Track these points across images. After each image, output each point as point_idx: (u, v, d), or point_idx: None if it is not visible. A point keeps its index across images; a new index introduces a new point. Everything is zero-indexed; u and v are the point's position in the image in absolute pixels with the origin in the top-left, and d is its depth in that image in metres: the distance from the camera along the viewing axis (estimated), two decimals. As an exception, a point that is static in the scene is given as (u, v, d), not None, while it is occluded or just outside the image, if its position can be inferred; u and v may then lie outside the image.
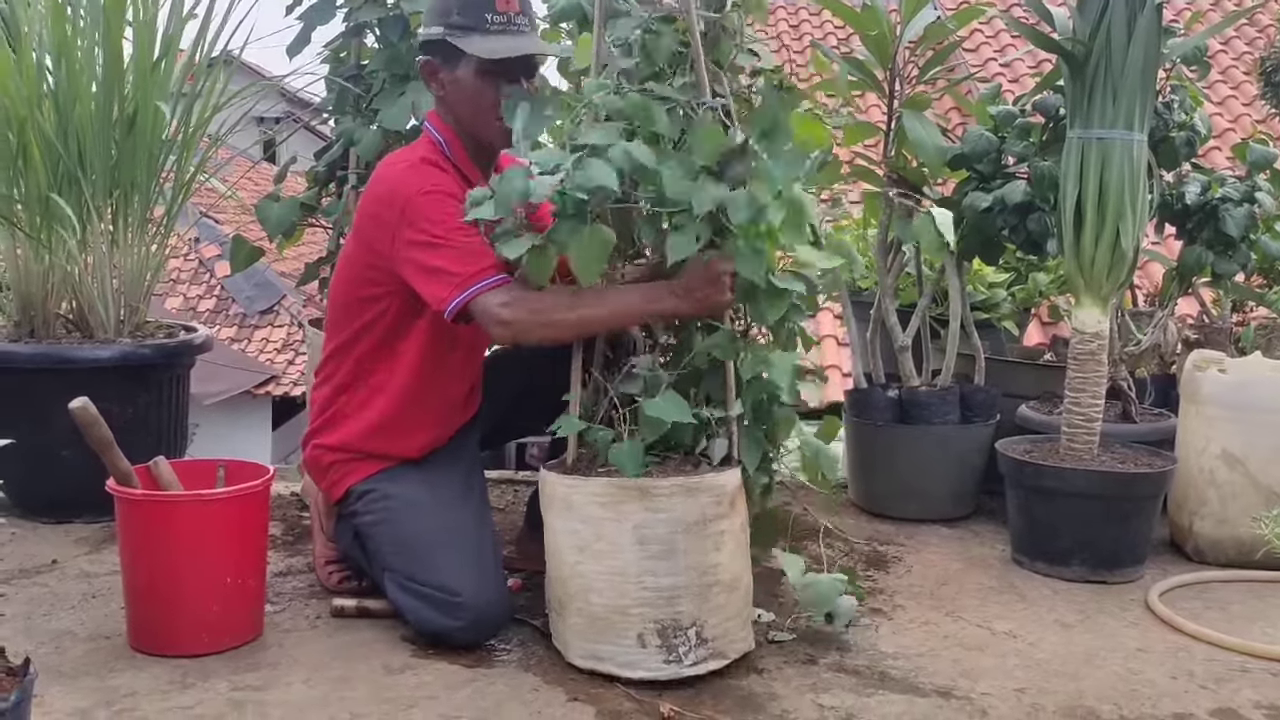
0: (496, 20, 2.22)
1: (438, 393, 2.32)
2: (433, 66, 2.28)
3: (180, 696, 1.92)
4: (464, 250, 2.10)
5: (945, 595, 2.54)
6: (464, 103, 2.26)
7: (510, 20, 2.23)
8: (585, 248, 1.96)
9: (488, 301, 2.07)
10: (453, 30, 2.22)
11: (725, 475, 2.04)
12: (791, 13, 11.96)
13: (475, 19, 2.21)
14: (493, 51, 2.20)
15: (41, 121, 2.87)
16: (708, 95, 2.06)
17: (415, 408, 2.30)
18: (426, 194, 2.15)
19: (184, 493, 2.16)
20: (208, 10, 3.10)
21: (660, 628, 1.97)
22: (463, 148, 2.29)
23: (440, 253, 2.11)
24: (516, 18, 2.24)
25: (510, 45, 2.21)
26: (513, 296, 2.07)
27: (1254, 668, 2.18)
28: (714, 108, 2.06)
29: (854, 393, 3.23)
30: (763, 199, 1.93)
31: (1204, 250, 3.18)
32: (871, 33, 3.04)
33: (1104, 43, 2.61)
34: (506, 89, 2.19)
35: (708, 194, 1.92)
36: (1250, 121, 8.58)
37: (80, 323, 2.98)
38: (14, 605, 2.30)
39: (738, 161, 1.97)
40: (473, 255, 2.10)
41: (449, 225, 2.11)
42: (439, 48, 2.24)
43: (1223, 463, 2.76)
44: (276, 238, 3.15)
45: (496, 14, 2.22)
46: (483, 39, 2.21)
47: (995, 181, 3.12)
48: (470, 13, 2.22)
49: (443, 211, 2.13)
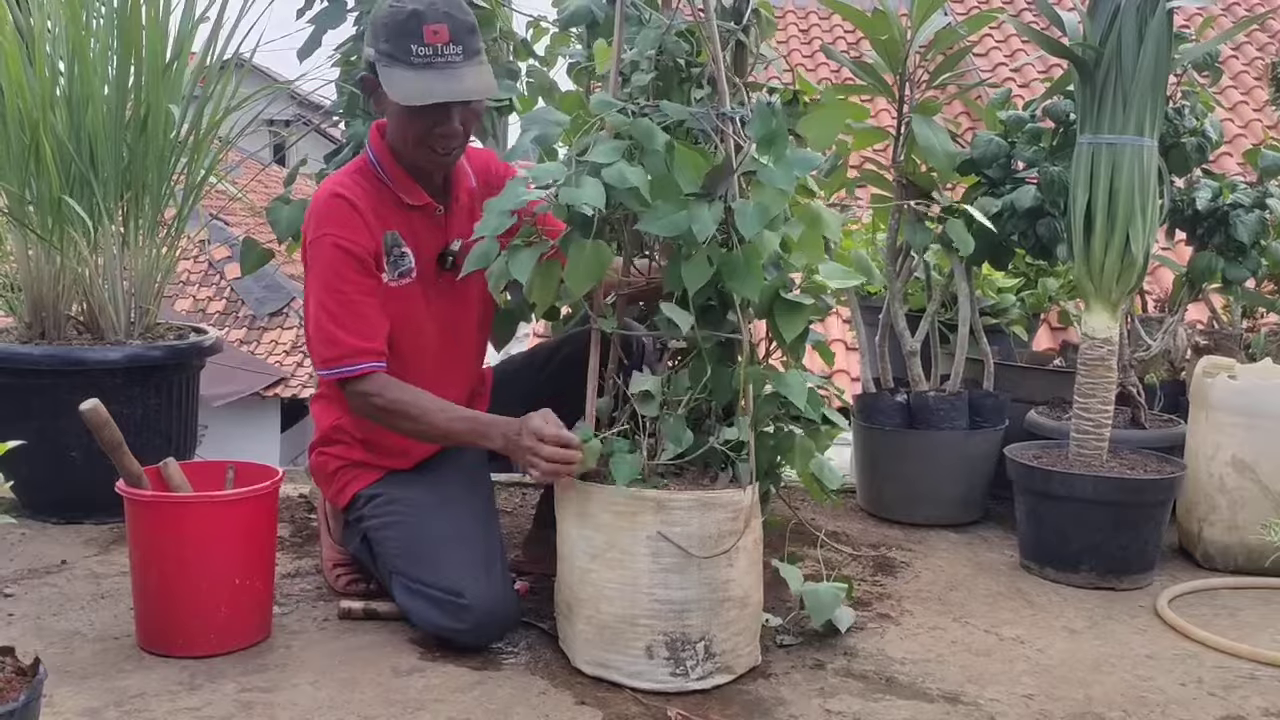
0: (421, 53, 2.09)
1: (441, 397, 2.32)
2: (370, 84, 2.21)
3: (188, 697, 1.93)
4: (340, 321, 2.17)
5: (953, 601, 2.54)
6: (396, 130, 2.20)
7: (437, 53, 2.09)
8: (581, 261, 1.96)
9: (352, 388, 2.19)
10: (381, 58, 2.13)
11: (741, 491, 2.03)
12: (801, 17, 11.95)
13: (400, 49, 2.10)
14: (407, 96, 2.09)
15: (54, 123, 2.88)
16: (727, 106, 2.06)
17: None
18: (324, 241, 2.17)
19: (193, 494, 2.17)
20: (219, 14, 3.13)
21: (669, 640, 1.97)
22: (398, 164, 2.25)
23: (322, 313, 2.17)
24: (445, 49, 2.10)
25: (428, 87, 2.09)
26: (374, 389, 2.18)
27: (1263, 675, 2.17)
28: (733, 118, 2.06)
29: (862, 397, 3.23)
30: (774, 209, 1.92)
31: (1214, 256, 3.18)
32: (882, 37, 3.04)
33: (1114, 48, 2.61)
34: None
35: (706, 217, 1.90)
36: (1262, 127, 8.56)
37: (91, 324, 2.99)
38: (23, 605, 2.31)
39: (722, 180, 1.96)
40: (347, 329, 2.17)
41: (334, 287, 2.17)
42: (372, 69, 2.17)
43: (1232, 469, 2.75)
44: (286, 240, 3.16)
45: (422, 45, 2.08)
46: (405, 74, 2.10)
47: (1005, 186, 3.12)
48: (396, 42, 2.10)
49: (334, 268, 2.17)
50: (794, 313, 2.05)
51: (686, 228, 1.90)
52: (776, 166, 1.95)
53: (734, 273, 1.95)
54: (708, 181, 1.95)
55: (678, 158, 1.95)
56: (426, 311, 2.30)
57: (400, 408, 2.18)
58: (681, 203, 1.91)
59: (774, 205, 1.94)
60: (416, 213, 2.27)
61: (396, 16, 2.12)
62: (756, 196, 1.97)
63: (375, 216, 2.21)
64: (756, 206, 1.92)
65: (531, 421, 2.05)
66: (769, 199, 1.94)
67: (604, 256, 1.97)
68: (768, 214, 1.91)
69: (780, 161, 1.95)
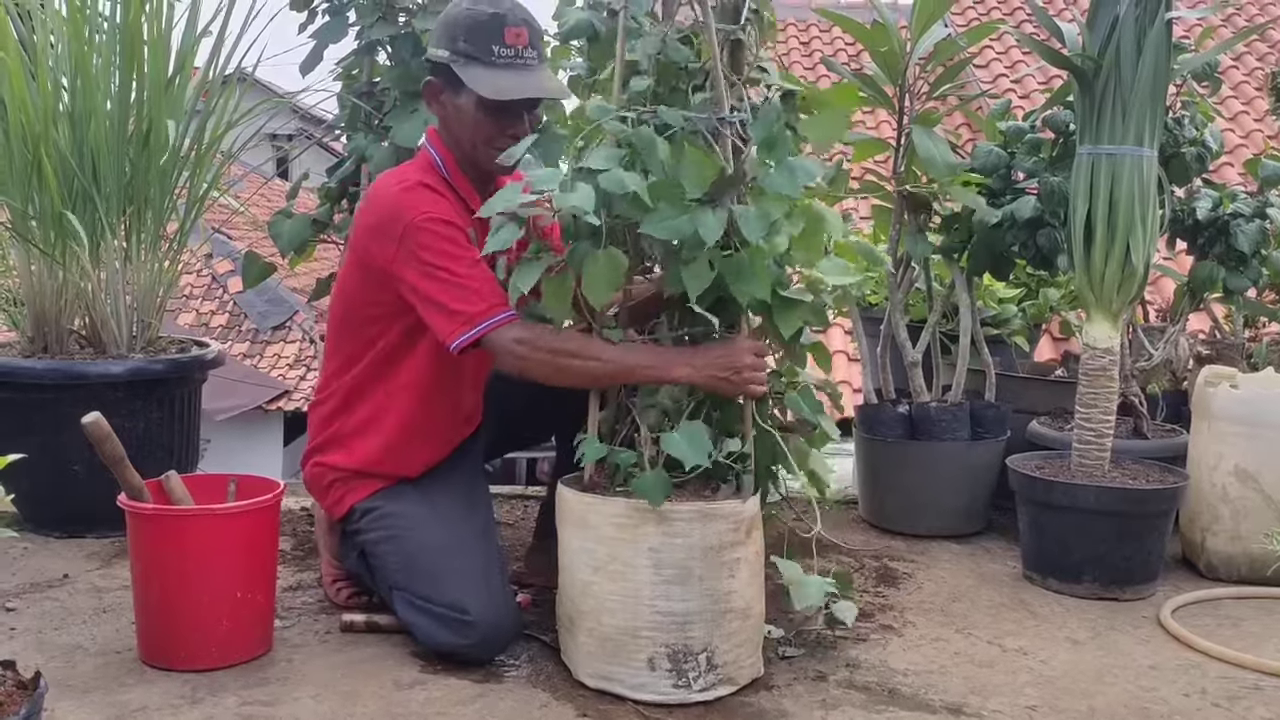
0: (504, 54, 2.16)
1: (440, 413, 2.31)
2: (436, 88, 2.25)
3: (190, 711, 1.92)
4: (468, 284, 2.10)
5: (956, 612, 2.54)
6: (464, 130, 2.22)
7: (518, 54, 2.17)
8: (598, 271, 1.95)
9: (502, 337, 2.08)
10: (458, 58, 2.17)
11: (742, 503, 2.03)
12: (802, 29, 11.99)
13: (481, 49, 2.16)
14: (496, 90, 2.15)
15: (56, 138, 2.89)
16: (726, 110, 2.06)
17: (417, 428, 2.30)
18: (426, 220, 2.12)
19: (195, 507, 2.17)
20: (221, 29, 3.14)
21: (671, 652, 1.97)
22: (460, 170, 2.26)
23: (445, 287, 2.10)
24: (524, 51, 2.18)
25: (514, 85, 2.15)
26: (528, 334, 2.08)
27: (1267, 685, 2.16)
28: (733, 122, 2.06)
29: (864, 408, 3.23)
30: (774, 214, 1.92)
31: (1215, 265, 3.18)
32: (881, 49, 3.05)
33: (1114, 58, 2.62)
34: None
35: (711, 222, 1.89)
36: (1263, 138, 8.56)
37: (93, 338, 2.99)
38: (25, 620, 2.31)
39: (729, 187, 1.96)
40: (478, 291, 2.09)
41: (451, 255, 2.11)
42: (444, 71, 2.21)
43: (1235, 479, 2.75)
44: (289, 254, 3.17)
45: (504, 46, 2.16)
46: (487, 72, 2.16)
47: (1005, 197, 3.12)
48: (477, 41, 2.16)
49: (443, 241, 2.12)
50: (790, 309, 2.05)
51: (691, 231, 1.89)
52: (779, 172, 1.95)
53: (739, 275, 1.95)
54: (714, 189, 1.95)
55: (688, 159, 1.94)
56: None
57: (563, 345, 2.07)
58: (685, 206, 1.91)
59: (775, 210, 1.93)
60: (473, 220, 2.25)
61: (477, 18, 2.17)
62: (758, 202, 1.96)
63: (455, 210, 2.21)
64: (759, 212, 1.92)
65: (720, 348, 2.06)
66: (771, 205, 1.94)
67: (619, 263, 1.96)
68: (769, 219, 1.91)
69: (782, 166, 1.95)
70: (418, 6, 3.06)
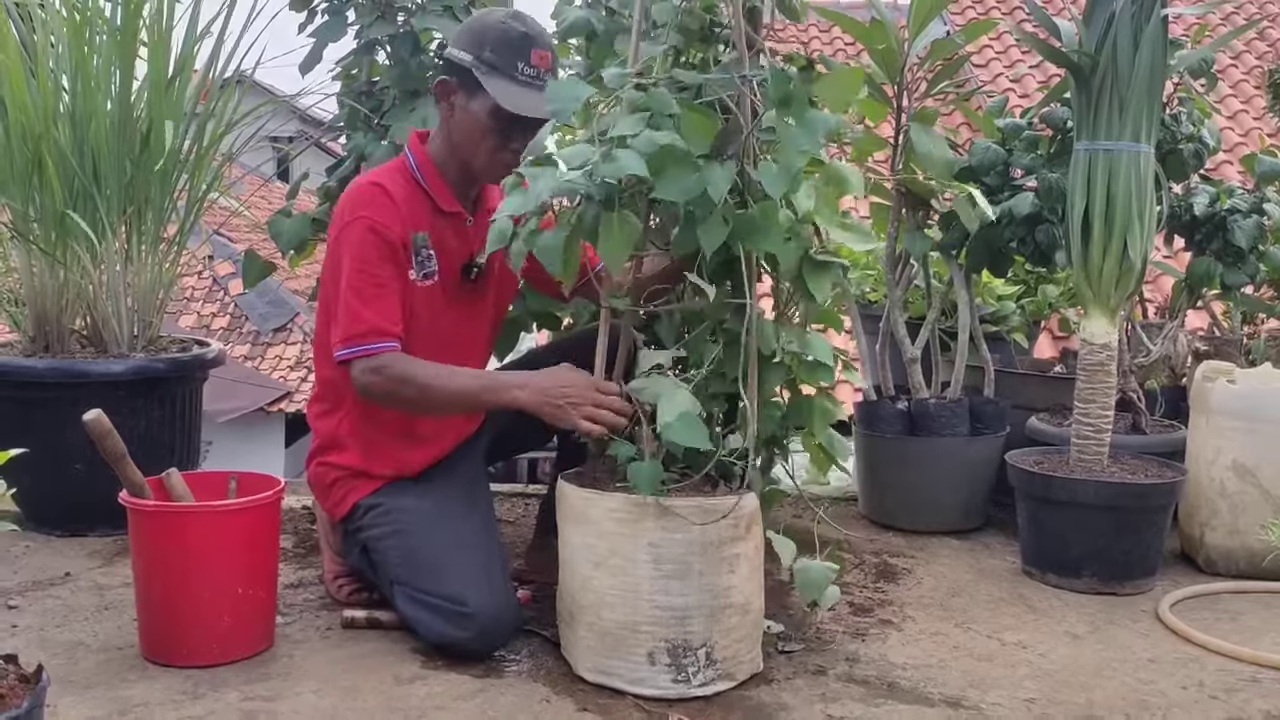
0: (527, 72, 2.23)
1: (435, 415, 2.34)
2: (449, 87, 2.28)
3: (191, 707, 1.93)
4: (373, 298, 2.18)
5: (955, 606, 2.54)
6: (468, 133, 2.26)
7: (538, 75, 2.23)
8: (613, 236, 1.93)
9: (359, 365, 2.18)
10: (481, 65, 2.22)
11: (743, 498, 2.04)
12: (801, 29, 12.00)
13: (507, 64, 2.22)
14: (516, 105, 2.19)
15: (57, 138, 2.90)
16: (746, 68, 2.04)
17: (413, 431, 2.32)
18: (359, 223, 2.20)
19: (196, 504, 2.18)
20: (221, 30, 3.15)
21: (670, 647, 1.98)
22: (437, 169, 2.31)
23: (354, 289, 2.19)
24: (544, 74, 2.24)
25: (532, 103, 2.19)
26: (383, 364, 2.17)
27: (1265, 678, 2.17)
28: (751, 79, 2.04)
29: (863, 405, 3.24)
30: (795, 165, 1.91)
31: (1213, 261, 3.19)
32: (879, 47, 3.05)
33: (1110, 55, 2.62)
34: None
35: (718, 178, 1.88)
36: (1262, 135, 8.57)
37: (94, 338, 3.00)
38: (28, 617, 2.32)
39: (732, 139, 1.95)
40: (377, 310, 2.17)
41: (368, 264, 2.19)
42: (463, 74, 2.25)
43: (1233, 473, 2.75)
44: (289, 253, 3.17)
45: (529, 66, 2.23)
46: (510, 86, 2.21)
47: (1003, 194, 3.13)
48: (504, 55, 2.22)
49: (368, 248, 2.20)
50: (823, 272, 2.05)
51: (701, 189, 1.88)
52: (798, 126, 1.93)
53: (753, 231, 1.94)
54: (718, 142, 1.94)
55: (685, 122, 1.93)
56: (443, 315, 2.32)
57: (407, 378, 2.17)
58: (693, 166, 1.90)
59: (796, 164, 1.92)
60: (446, 220, 2.31)
61: (508, 34, 2.24)
62: (778, 156, 1.94)
63: (408, 212, 2.26)
64: (781, 166, 1.91)
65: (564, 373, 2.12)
66: (791, 159, 1.92)
67: (634, 225, 1.95)
68: (790, 172, 1.90)
69: (801, 121, 1.94)
70: (416, 6, 3.07)
